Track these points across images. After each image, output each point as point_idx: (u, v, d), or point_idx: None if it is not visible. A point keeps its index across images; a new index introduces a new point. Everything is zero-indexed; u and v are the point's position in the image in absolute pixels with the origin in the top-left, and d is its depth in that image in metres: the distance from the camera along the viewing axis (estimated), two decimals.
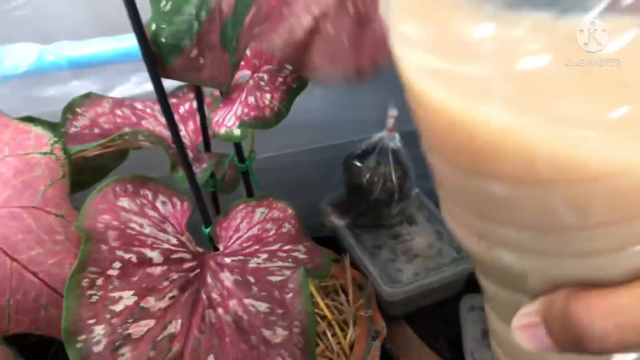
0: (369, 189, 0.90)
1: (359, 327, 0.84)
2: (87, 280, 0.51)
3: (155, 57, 0.48)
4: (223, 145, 0.73)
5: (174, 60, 0.46)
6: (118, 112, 0.72)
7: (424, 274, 0.88)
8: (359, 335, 0.83)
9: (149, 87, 0.76)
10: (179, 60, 0.46)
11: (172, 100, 0.77)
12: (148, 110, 0.75)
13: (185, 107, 0.77)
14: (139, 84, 0.75)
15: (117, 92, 0.76)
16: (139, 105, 0.75)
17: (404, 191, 0.93)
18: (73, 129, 0.71)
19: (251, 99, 0.58)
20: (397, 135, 0.90)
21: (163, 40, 0.47)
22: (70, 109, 0.71)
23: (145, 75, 0.77)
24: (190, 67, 0.46)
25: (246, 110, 0.57)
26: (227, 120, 0.58)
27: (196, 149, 0.72)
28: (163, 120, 0.75)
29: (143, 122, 0.73)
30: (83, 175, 0.69)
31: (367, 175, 0.90)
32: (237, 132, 0.57)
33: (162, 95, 0.48)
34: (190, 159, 0.66)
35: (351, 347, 0.82)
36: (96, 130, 0.71)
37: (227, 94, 0.60)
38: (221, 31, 0.43)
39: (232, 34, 0.42)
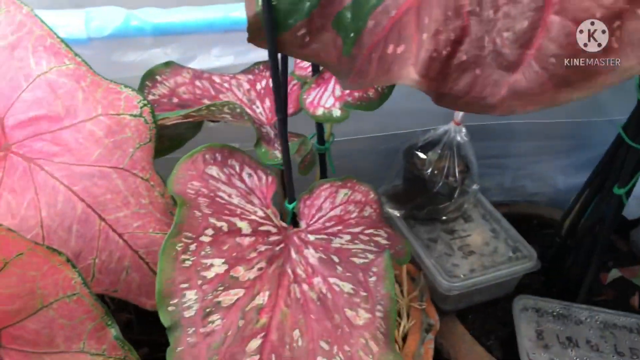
0: (430, 182, 0.90)
1: (413, 318, 0.83)
2: (181, 244, 0.51)
3: (260, 28, 0.47)
4: (294, 125, 0.72)
5: (281, 34, 0.45)
6: (197, 83, 0.72)
7: (481, 270, 0.87)
8: (413, 327, 0.82)
9: (228, 60, 0.76)
10: (286, 35, 0.45)
11: (249, 77, 0.76)
12: (226, 84, 0.74)
13: (262, 84, 0.76)
14: (218, 57, 0.75)
15: (196, 63, 0.75)
16: (216, 79, 0.74)
17: (465, 186, 0.92)
18: (151, 97, 0.70)
19: None
20: (463, 129, 0.89)
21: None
22: (150, 76, 0.71)
23: (225, 48, 0.78)
24: (296, 43, 0.45)
25: (347, 90, 0.56)
26: (324, 101, 0.57)
27: (273, 126, 0.71)
28: (240, 95, 0.74)
29: (221, 96, 0.73)
30: (161, 142, 0.69)
31: (430, 168, 0.89)
32: (336, 113, 0.56)
33: (274, 64, 0.47)
34: (272, 136, 0.66)
35: (404, 339, 0.82)
36: (175, 100, 0.71)
37: (319, 74, 0.60)
38: (336, 15, 0.42)
39: (349, 22, 0.41)
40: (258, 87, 0.76)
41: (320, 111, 0.57)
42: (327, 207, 0.61)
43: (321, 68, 0.59)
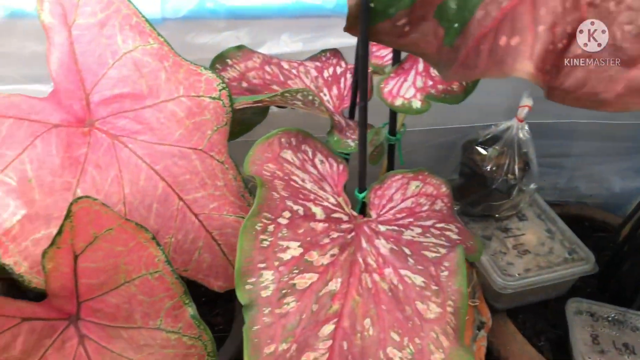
0: (489, 178, 0.88)
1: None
2: (260, 224, 0.51)
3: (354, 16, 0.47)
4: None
5: (378, 24, 0.45)
6: (267, 69, 0.72)
7: (536, 270, 0.86)
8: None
9: (296, 47, 0.76)
10: (384, 25, 0.44)
11: (316, 64, 0.76)
12: (294, 71, 0.74)
13: (329, 71, 0.76)
14: (287, 43, 0.75)
15: (265, 49, 0.75)
16: (285, 65, 0.74)
17: (523, 185, 0.90)
18: None
19: (435, 71, 0.56)
20: (526, 126, 0.87)
21: (372, 4, 0.46)
22: (221, 59, 0.71)
23: (294, 35, 0.78)
24: (394, 32, 0.44)
25: (430, 82, 0.56)
26: (404, 91, 0.57)
27: (341, 114, 0.71)
28: (308, 82, 0.74)
29: (289, 82, 0.73)
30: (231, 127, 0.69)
31: (490, 164, 0.88)
32: (416, 104, 0.56)
33: (365, 52, 0.47)
34: (344, 124, 0.66)
35: None
36: (244, 84, 0.71)
37: (399, 64, 0.59)
38: (439, 6, 0.41)
39: (454, 13, 0.40)
40: (325, 74, 0.76)
41: (399, 101, 0.57)
42: (398, 199, 0.61)
43: (402, 58, 0.59)
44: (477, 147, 0.90)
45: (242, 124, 0.72)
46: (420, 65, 0.58)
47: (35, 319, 0.49)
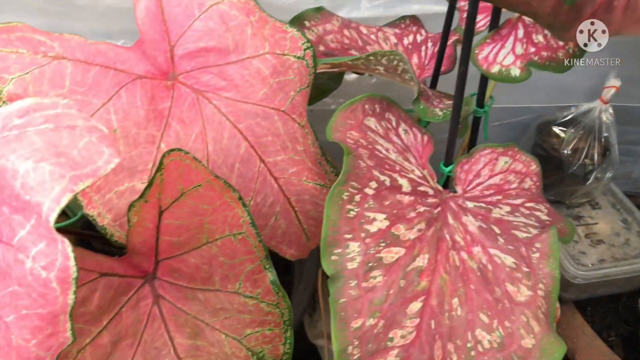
0: (566, 162, 0.84)
1: None
2: (347, 194, 0.48)
3: None
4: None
5: None
6: (346, 32, 0.69)
7: (611, 262, 0.81)
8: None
9: (377, 12, 0.73)
10: None
11: (395, 31, 0.73)
12: (372, 36, 0.71)
13: (409, 39, 0.72)
14: (368, 7, 0.71)
15: (344, 12, 0.72)
16: (363, 30, 0.71)
17: (601, 171, 0.85)
18: None
19: (538, 37, 0.52)
20: (610, 109, 0.82)
21: None
22: (299, 21, 0.68)
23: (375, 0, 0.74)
24: None
25: (532, 49, 0.52)
26: (501, 58, 0.53)
27: (423, 83, 0.67)
28: (387, 48, 0.71)
29: (368, 47, 0.69)
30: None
31: (568, 147, 0.83)
32: (515, 72, 0.52)
33: (473, 12, 0.43)
34: (429, 93, 0.62)
35: None
36: (321, 48, 0.68)
37: (497, 29, 0.55)
38: None
39: None
40: (405, 42, 0.72)
41: (495, 68, 0.53)
42: (486, 174, 0.58)
43: (501, 23, 0.55)
44: (554, 129, 0.85)
45: (318, 89, 0.69)
46: (520, 32, 0.54)
47: (113, 274, 0.47)
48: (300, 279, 0.76)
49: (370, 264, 0.47)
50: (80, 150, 0.35)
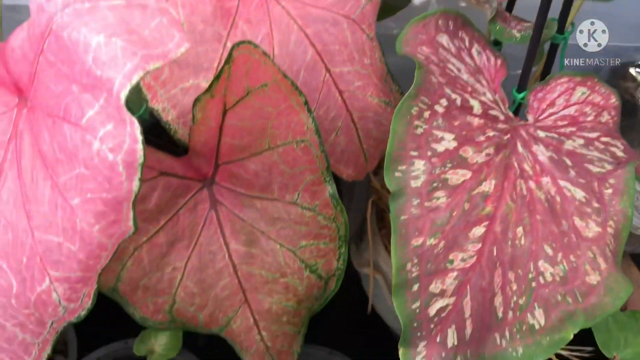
0: None
1: None
2: (416, 109, 0.46)
3: None
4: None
5: None
6: None
7: None
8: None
9: None
10: None
11: None
12: None
13: None
14: None
15: None
16: None
17: None
18: None
19: None
20: None
21: None
22: None
23: None
24: None
25: None
26: None
27: (500, 5, 0.63)
28: None
29: None
30: None
31: None
32: None
33: None
34: (506, 14, 0.58)
35: None
36: None
37: None
38: None
39: None
40: None
41: None
42: (561, 104, 0.54)
43: None
44: (630, 71, 0.80)
45: (386, 4, 0.65)
46: None
47: (173, 174, 0.47)
48: (350, 207, 0.75)
49: (434, 184, 0.45)
50: (152, 30, 0.33)
